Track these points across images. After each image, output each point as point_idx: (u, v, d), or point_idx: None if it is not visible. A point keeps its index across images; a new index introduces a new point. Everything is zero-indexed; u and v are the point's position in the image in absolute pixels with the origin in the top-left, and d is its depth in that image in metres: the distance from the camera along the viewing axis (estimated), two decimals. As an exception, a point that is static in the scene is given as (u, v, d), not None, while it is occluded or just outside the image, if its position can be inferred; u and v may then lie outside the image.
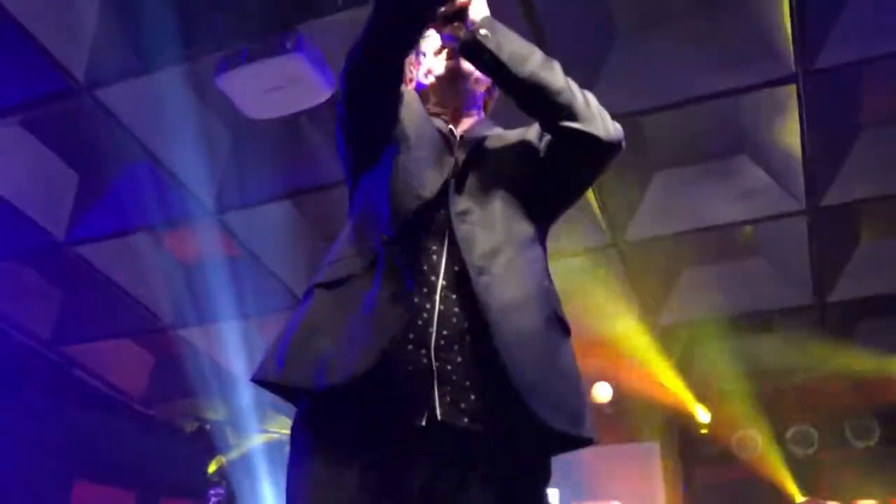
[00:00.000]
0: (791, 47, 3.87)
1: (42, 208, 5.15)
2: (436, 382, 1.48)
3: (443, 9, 1.62)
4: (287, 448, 1.60)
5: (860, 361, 5.98)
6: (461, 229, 1.57)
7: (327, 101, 3.93)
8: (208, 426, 7.47)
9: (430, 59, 1.85)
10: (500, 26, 1.64)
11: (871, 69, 4.09)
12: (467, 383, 1.49)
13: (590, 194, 4.79)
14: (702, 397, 6.71)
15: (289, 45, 3.66)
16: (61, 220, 5.23)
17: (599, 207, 4.89)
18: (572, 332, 1.68)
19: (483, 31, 1.59)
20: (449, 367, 1.50)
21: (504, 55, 1.59)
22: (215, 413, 7.30)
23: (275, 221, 5.32)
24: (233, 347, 6.15)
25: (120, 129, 4.56)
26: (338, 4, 3.78)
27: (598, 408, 6.64)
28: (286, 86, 3.75)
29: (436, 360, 1.49)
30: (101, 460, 7.18)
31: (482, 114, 1.91)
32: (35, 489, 6.68)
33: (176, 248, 5.86)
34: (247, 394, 6.73)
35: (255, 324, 6.00)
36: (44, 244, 5.29)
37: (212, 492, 3.35)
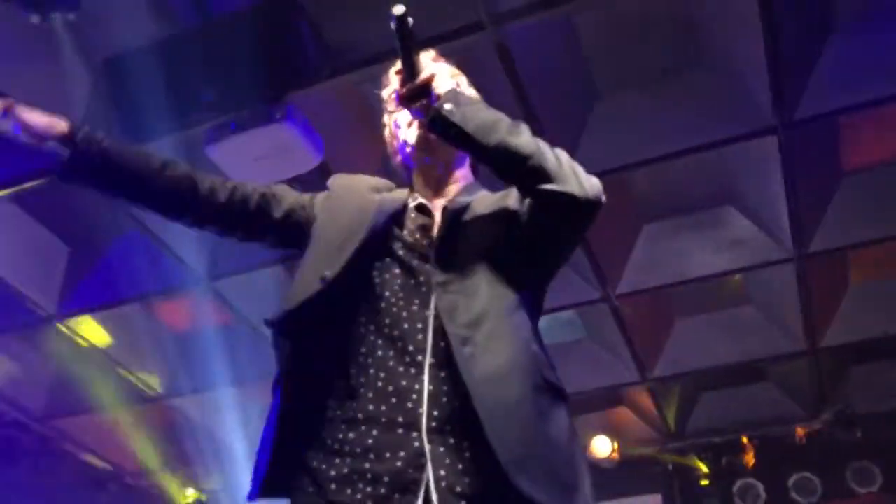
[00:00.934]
0: (770, 100, 3.96)
1: (33, 282, 5.14)
2: (430, 467, 1.44)
3: (404, 90, 1.63)
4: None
5: (856, 406, 5.98)
6: (443, 300, 1.55)
7: (316, 167, 3.97)
8: (205, 497, 7.35)
9: (403, 130, 1.86)
10: (464, 97, 1.65)
11: (849, 117, 4.18)
12: (460, 466, 1.46)
13: (580, 248, 4.83)
14: (701, 448, 6.66)
15: (278, 115, 3.72)
16: (52, 294, 5.22)
17: (589, 262, 4.91)
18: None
19: (448, 106, 1.58)
20: (442, 450, 1.47)
21: (470, 127, 1.57)
22: (211, 483, 7.19)
23: (267, 287, 5.32)
24: (228, 415, 6.09)
25: (111, 202, 4.58)
26: (324, 74, 3.86)
27: (598, 462, 6.58)
28: (275, 154, 3.80)
29: (428, 442, 1.47)
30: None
31: (471, 174, 1.90)
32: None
33: (168, 317, 5.84)
34: (242, 461, 6.64)
35: (250, 391, 5.95)
36: (35, 318, 5.27)
37: None
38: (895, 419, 6.07)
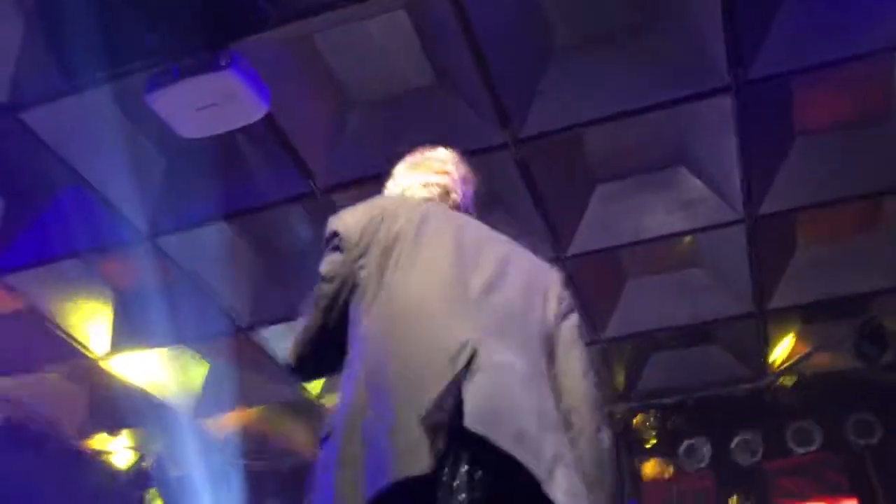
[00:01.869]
0: (725, 59, 3.93)
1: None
2: None
3: None
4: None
5: (801, 367, 6.09)
6: None
7: (263, 118, 3.84)
8: (146, 460, 7.22)
9: None
10: None
11: (804, 79, 4.18)
12: None
13: (533, 208, 4.78)
14: (648, 408, 6.73)
15: (223, 63, 3.57)
16: (-15, 248, 5.02)
17: (543, 222, 4.87)
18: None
19: None
20: None
21: None
22: (153, 445, 7.07)
23: (211, 244, 5.18)
24: (170, 375, 5.97)
25: (47, 153, 4.39)
26: (272, 21, 3.71)
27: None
28: (219, 103, 3.65)
29: None
30: (38, 498, 6.89)
31: None
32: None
33: (109, 274, 5.67)
34: (184, 424, 6.53)
35: (193, 350, 5.84)
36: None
37: None
38: (835, 379, 6.20)
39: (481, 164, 2.38)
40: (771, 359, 6.21)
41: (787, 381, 6.35)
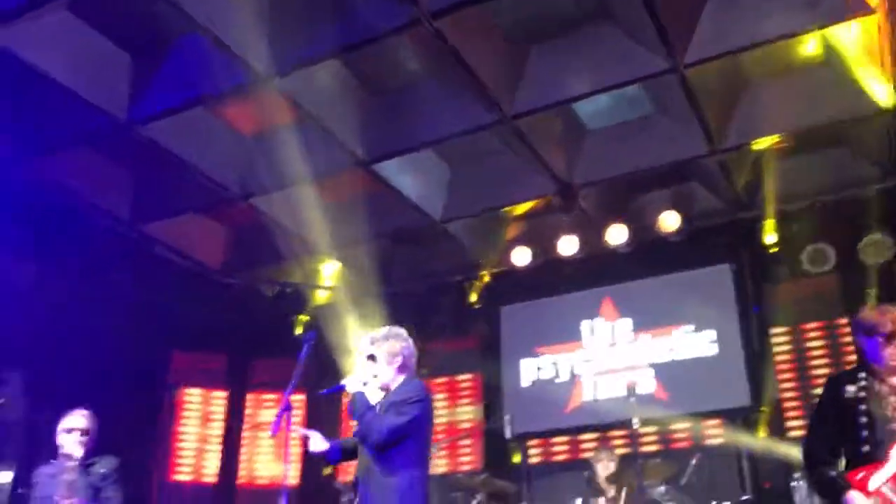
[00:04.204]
0: None
1: (100, 91, 5.21)
2: None
3: None
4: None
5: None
6: None
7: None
8: (288, 289, 7.75)
9: None
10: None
11: None
12: None
13: (644, 16, 4.62)
14: (771, 215, 6.65)
15: None
16: (121, 102, 5.31)
17: (656, 30, 4.72)
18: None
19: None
20: None
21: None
22: (292, 275, 7.56)
23: (327, 82, 5.31)
24: (299, 210, 6.28)
25: (164, 3, 4.53)
26: None
27: (667, 236, 6.67)
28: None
29: None
30: (193, 330, 7.58)
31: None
32: (136, 363, 7.11)
33: (234, 117, 5.92)
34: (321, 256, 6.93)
35: (317, 185, 6.10)
36: (108, 127, 5.39)
37: (304, 345, 3.59)
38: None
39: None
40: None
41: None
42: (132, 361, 7.10)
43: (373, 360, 3.52)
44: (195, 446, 7.95)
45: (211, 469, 7.93)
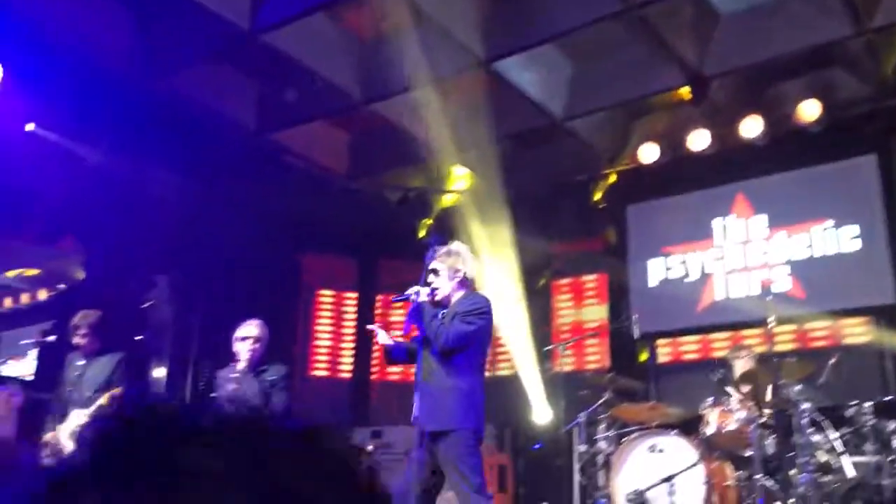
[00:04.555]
0: None
1: (223, 2, 5.28)
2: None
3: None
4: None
5: None
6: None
7: None
8: (412, 193, 7.84)
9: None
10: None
11: None
12: None
13: None
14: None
15: None
16: (243, 11, 5.37)
17: None
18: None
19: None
20: None
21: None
22: (416, 180, 7.62)
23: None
24: (421, 114, 6.27)
25: None
26: None
27: (806, 127, 6.30)
28: None
29: None
30: (322, 233, 7.83)
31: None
32: (268, 266, 7.44)
33: (355, 22, 5.90)
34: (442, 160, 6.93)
35: (438, 87, 6.05)
36: (232, 37, 5.49)
37: (429, 249, 3.71)
38: None
39: None
40: None
41: None
42: (269, 266, 7.44)
43: (436, 274, 3.75)
44: (330, 344, 8.34)
45: (346, 366, 8.32)
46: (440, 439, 3.61)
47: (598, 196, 7.50)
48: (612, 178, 7.42)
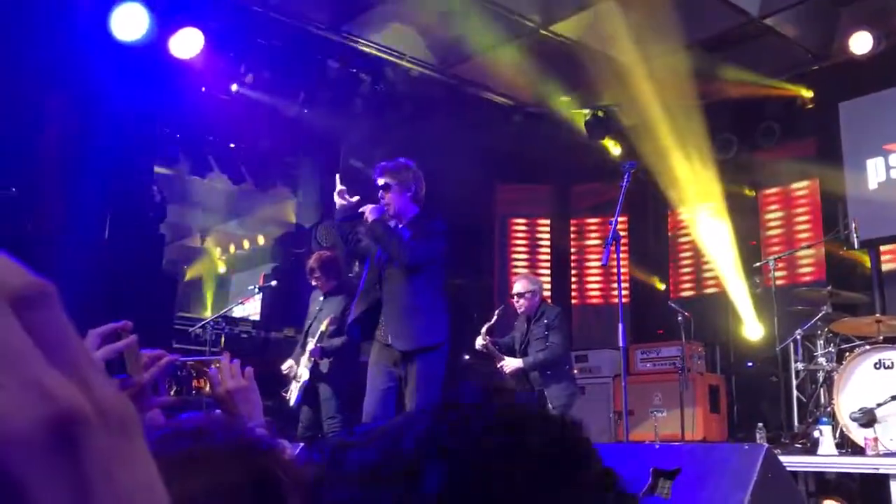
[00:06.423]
0: None
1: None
2: None
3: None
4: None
5: None
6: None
7: None
8: (599, 112, 7.63)
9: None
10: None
11: None
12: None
13: None
14: None
15: None
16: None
17: None
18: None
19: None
20: None
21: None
22: (602, 98, 7.40)
23: None
24: (603, 28, 6.04)
25: None
26: None
27: (859, 58, 5.58)
28: None
29: None
30: (514, 163, 7.84)
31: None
32: (465, 196, 7.55)
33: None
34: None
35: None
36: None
37: (625, 174, 3.66)
38: None
39: None
40: None
41: None
42: (465, 196, 7.57)
43: (386, 189, 3.68)
44: (526, 271, 8.40)
45: (543, 291, 8.36)
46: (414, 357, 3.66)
47: (805, 95, 6.95)
48: (820, 74, 6.84)
